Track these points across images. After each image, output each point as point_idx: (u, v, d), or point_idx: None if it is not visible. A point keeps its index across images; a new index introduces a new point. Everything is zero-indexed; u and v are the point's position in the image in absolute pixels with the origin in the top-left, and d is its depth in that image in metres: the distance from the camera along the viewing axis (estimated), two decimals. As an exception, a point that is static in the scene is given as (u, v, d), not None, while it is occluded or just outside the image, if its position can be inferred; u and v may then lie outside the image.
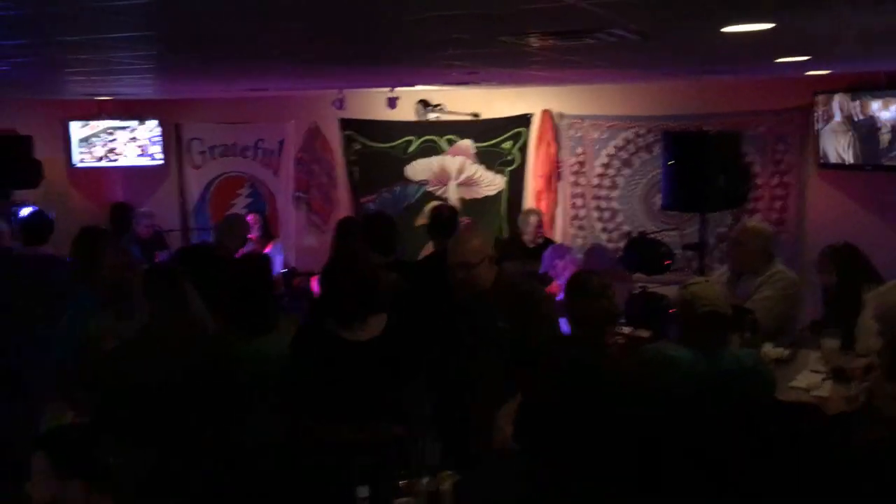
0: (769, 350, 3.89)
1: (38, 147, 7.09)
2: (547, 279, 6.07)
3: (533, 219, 6.79)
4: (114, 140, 8.32)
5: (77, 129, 8.17)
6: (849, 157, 6.21)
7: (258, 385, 3.03)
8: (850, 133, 6.15)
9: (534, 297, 3.36)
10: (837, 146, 6.26)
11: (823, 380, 3.63)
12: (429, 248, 5.07)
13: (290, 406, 2.92)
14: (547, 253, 5.96)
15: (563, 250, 6.03)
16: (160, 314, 3.17)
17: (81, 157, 8.22)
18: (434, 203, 7.45)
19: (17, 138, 7.06)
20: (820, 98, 6.29)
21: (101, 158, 8.33)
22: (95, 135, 8.22)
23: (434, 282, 3.42)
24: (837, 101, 6.21)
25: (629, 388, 2.88)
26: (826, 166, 6.42)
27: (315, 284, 5.41)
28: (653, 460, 2.83)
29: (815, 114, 6.36)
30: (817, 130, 6.38)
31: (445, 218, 4.84)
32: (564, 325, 5.77)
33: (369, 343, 2.91)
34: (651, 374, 3.00)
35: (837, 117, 6.23)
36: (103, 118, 8.32)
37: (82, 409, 3.05)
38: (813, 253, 5.06)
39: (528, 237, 6.76)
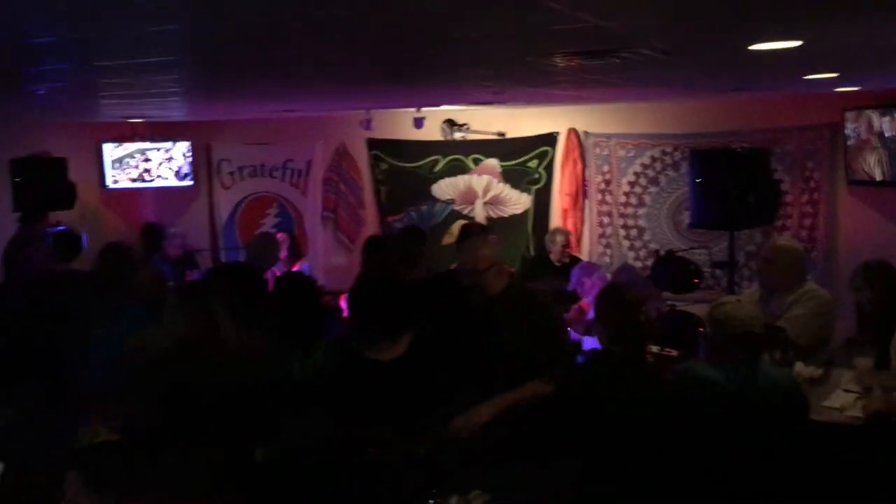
0: (802, 369, 3.83)
1: (73, 169, 7.22)
2: (575, 297, 6.05)
3: (559, 238, 6.79)
4: (146, 161, 8.47)
5: (110, 151, 8.32)
6: (879, 174, 6.14)
7: (289, 401, 3.05)
8: (881, 149, 6.08)
9: (542, 305, 3.36)
10: (868, 163, 6.20)
11: (857, 399, 3.57)
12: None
13: (315, 424, 2.92)
14: (575, 270, 5.95)
15: (591, 268, 6.02)
16: (190, 331, 3.21)
17: (114, 179, 8.37)
18: (463, 221, 7.48)
19: (52, 160, 7.20)
20: (850, 114, 6.24)
21: (134, 180, 8.47)
22: (128, 156, 8.37)
23: (455, 298, 3.43)
24: (867, 117, 6.15)
25: (668, 406, 2.86)
26: (856, 183, 6.36)
27: (344, 303, 5.44)
28: (685, 479, 2.80)
29: (845, 130, 6.31)
30: (847, 147, 6.33)
31: (474, 234, 4.82)
32: (586, 343, 5.75)
33: (391, 364, 2.90)
34: (683, 393, 2.97)
35: (868, 134, 6.17)
36: (135, 140, 8.47)
37: (117, 426, 3.09)
38: (844, 270, 5.01)
39: (554, 256, 6.76)
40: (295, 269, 6.74)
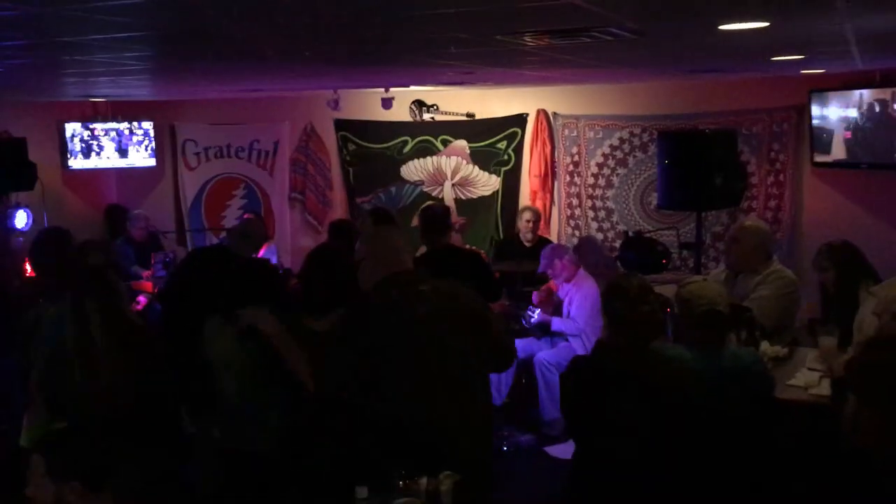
0: (767, 348, 3.89)
1: (33, 149, 7.06)
2: (544, 278, 6.07)
3: (527, 214, 6.80)
4: (109, 141, 8.29)
5: (72, 131, 8.13)
6: (843, 155, 6.22)
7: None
8: (845, 131, 6.16)
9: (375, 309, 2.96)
10: (832, 144, 6.27)
11: (821, 378, 3.63)
12: (423, 249, 5.05)
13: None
14: (546, 251, 5.94)
15: (562, 250, 6.02)
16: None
17: (76, 159, 8.19)
18: (426, 203, 7.46)
19: (10, 141, 7.04)
20: (814, 96, 6.31)
21: (96, 160, 8.29)
22: (90, 136, 8.19)
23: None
24: (832, 99, 6.22)
25: (666, 393, 2.88)
26: (821, 164, 6.44)
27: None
28: (657, 461, 2.83)
29: (810, 112, 6.38)
30: (812, 128, 6.40)
31: (437, 217, 4.81)
32: (554, 324, 5.77)
33: (323, 334, 2.97)
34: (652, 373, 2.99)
35: (832, 115, 6.25)
36: (98, 120, 8.30)
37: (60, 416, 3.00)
38: (809, 251, 5.07)
39: (523, 234, 6.77)
40: (262, 251, 6.66)
